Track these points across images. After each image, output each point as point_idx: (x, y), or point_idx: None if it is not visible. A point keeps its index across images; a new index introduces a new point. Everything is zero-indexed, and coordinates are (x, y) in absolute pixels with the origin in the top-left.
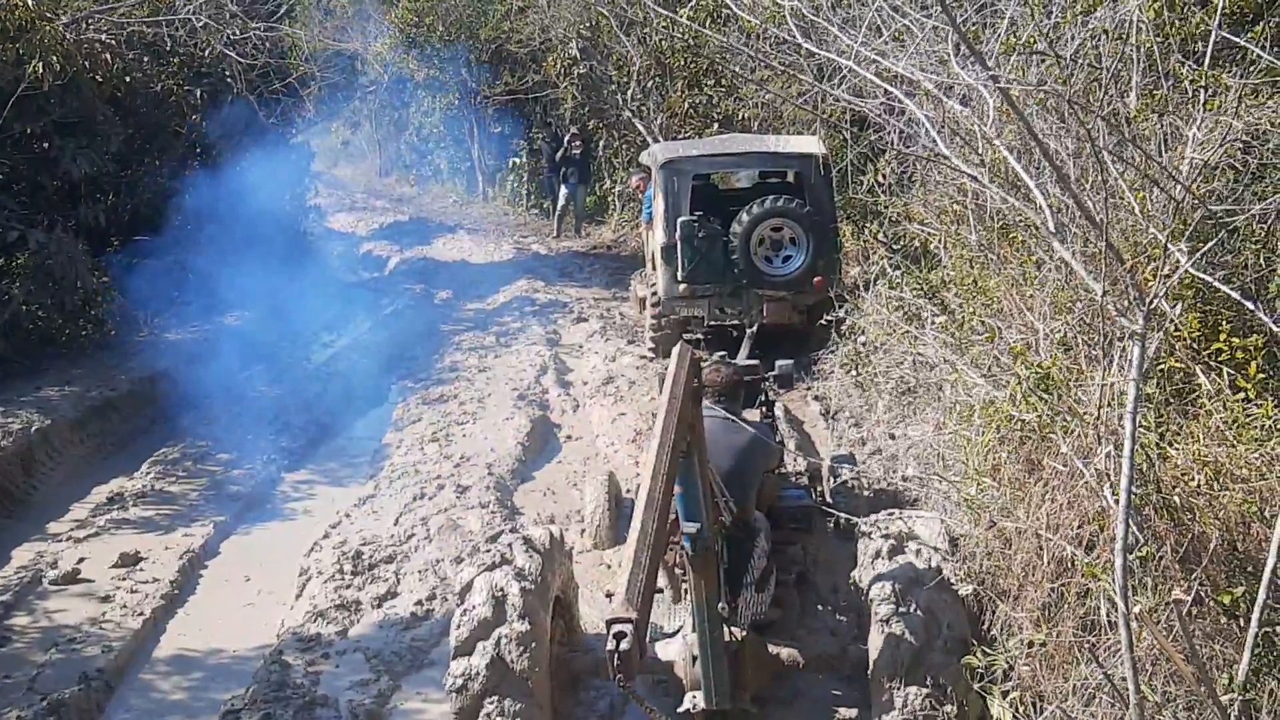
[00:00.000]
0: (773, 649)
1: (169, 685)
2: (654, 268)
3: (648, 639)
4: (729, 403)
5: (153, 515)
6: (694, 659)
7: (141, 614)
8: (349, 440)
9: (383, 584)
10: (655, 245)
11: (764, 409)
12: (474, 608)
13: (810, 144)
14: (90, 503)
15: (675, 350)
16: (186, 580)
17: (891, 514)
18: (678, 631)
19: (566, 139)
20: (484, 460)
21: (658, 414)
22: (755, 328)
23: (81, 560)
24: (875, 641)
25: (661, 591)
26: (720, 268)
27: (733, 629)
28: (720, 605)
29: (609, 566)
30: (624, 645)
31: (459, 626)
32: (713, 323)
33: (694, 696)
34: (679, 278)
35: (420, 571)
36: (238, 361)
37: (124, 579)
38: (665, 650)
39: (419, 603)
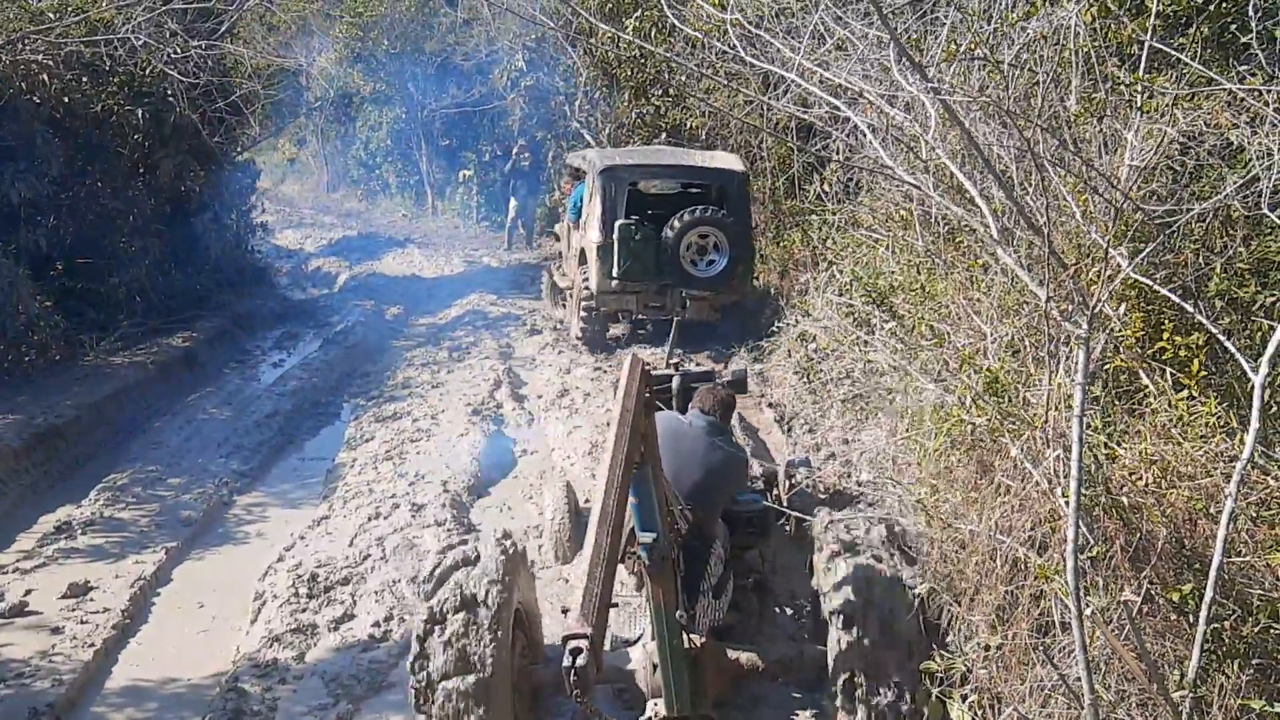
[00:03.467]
0: (732, 654)
1: (122, 717)
2: (582, 262)
3: (608, 649)
4: (720, 420)
5: (102, 543)
6: (654, 667)
7: (92, 645)
8: (301, 461)
9: (339, 606)
10: (589, 243)
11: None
12: (438, 611)
13: (733, 161)
14: (37, 532)
15: (626, 362)
16: (138, 609)
17: (846, 517)
18: (637, 640)
19: (514, 151)
20: (439, 477)
21: (610, 427)
22: (680, 319)
23: (29, 592)
24: (833, 646)
25: (617, 605)
26: (651, 267)
27: (691, 636)
28: (678, 613)
29: (566, 580)
30: (580, 661)
31: (422, 630)
32: (640, 316)
33: (655, 704)
34: (613, 274)
35: (377, 593)
36: (186, 384)
37: (73, 610)
38: (625, 659)
39: (376, 624)
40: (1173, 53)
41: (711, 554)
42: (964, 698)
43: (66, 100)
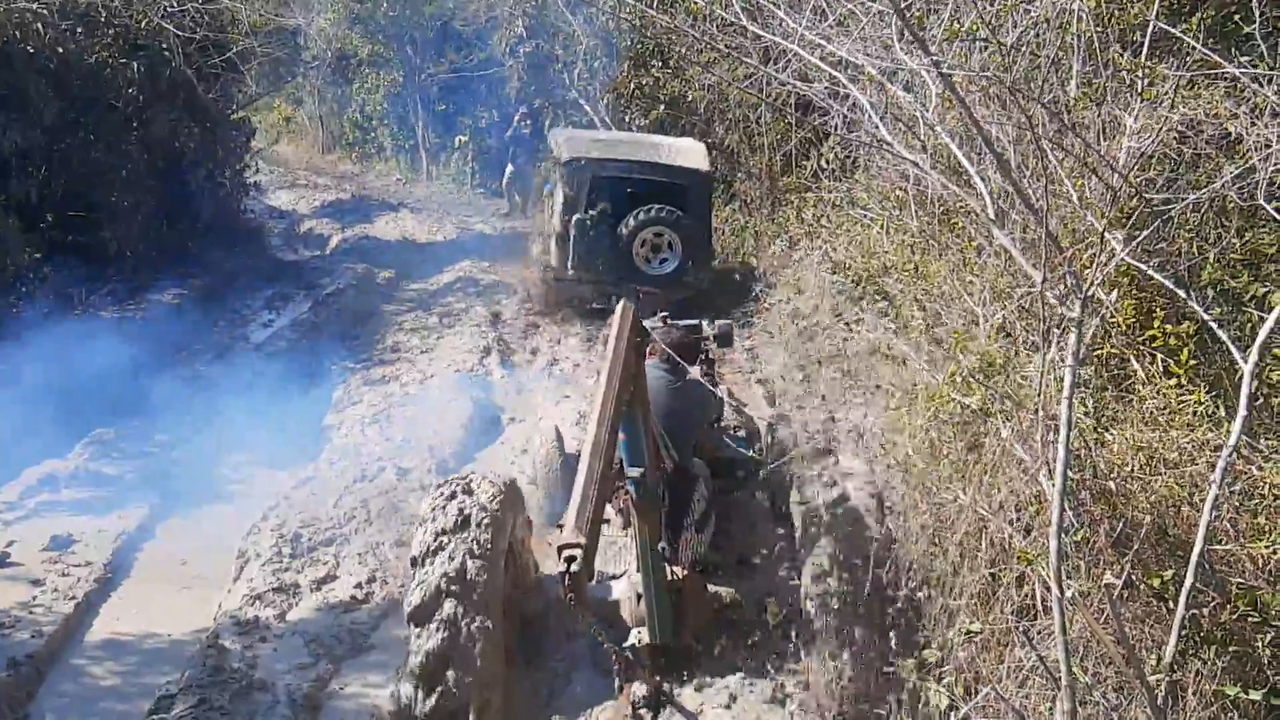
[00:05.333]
0: (712, 589)
1: (102, 670)
2: (550, 242)
3: (593, 584)
4: (678, 363)
5: (86, 497)
6: (638, 597)
7: (73, 598)
8: (288, 421)
9: (322, 566)
10: (551, 229)
11: (705, 366)
12: (436, 522)
13: (699, 159)
14: (21, 484)
15: (619, 307)
16: (120, 563)
17: (824, 467)
18: (622, 575)
19: (516, 118)
20: (426, 442)
21: (602, 366)
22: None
23: (11, 543)
24: (808, 598)
25: (609, 522)
26: (606, 261)
27: (674, 568)
28: (662, 545)
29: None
30: (574, 567)
31: (422, 544)
32: (593, 305)
33: (639, 632)
34: (569, 265)
35: (360, 554)
36: (175, 341)
37: (55, 562)
38: (610, 591)
39: (359, 585)
40: (1177, 34)
41: (695, 491)
42: (940, 678)
43: (60, 51)
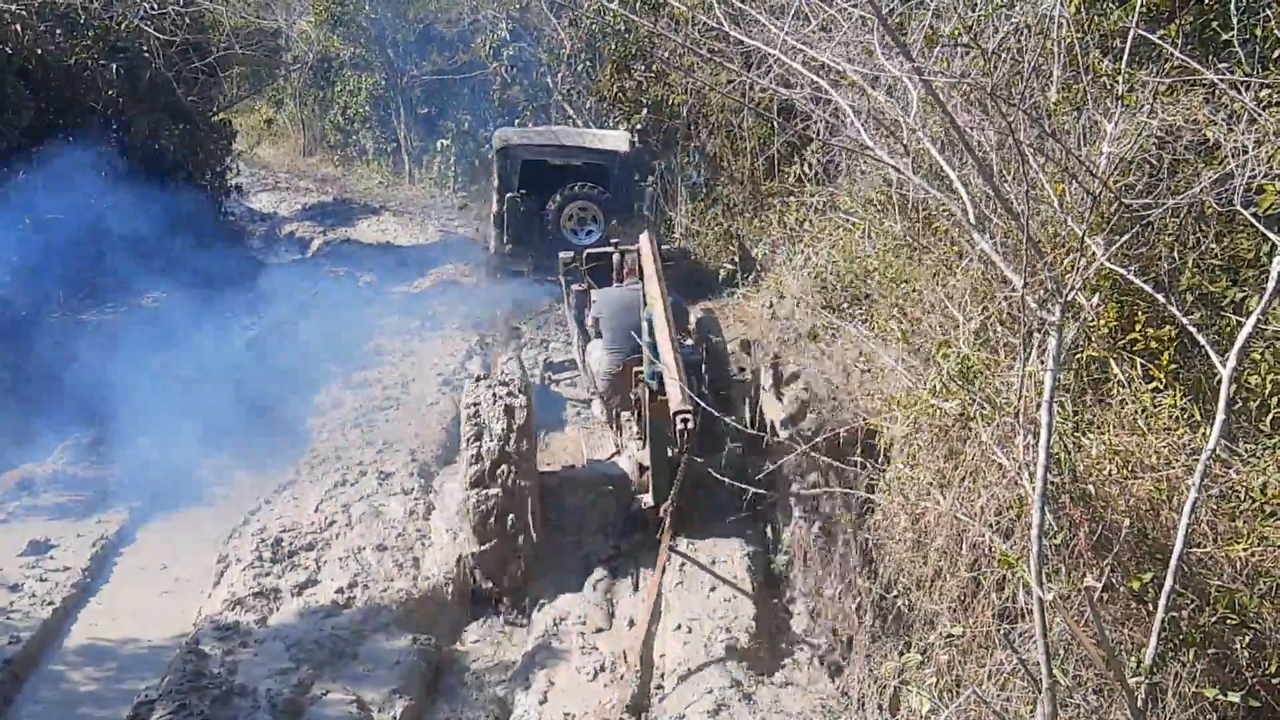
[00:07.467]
0: (699, 465)
1: (80, 676)
2: (489, 223)
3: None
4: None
5: (65, 501)
6: (640, 470)
7: (51, 603)
8: (269, 425)
9: (303, 571)
10: (489, 212)
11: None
12: (485, 392)
13: (620, 142)
14: None
15: (642, 236)
16: (99, 568)
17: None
18: (610, 457)
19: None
20: (407, 446)
21: (648, 283)
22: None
23: None
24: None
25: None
26: (537, 235)
27: (671, 448)
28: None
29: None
30: (691, 426)
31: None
32: (529, 275)
33: (642, 498)
34: (504, 240)
35: (341, 559)
36: (154, 344)
37: (33, 567)
38: (616, 467)
39: (340, 590)
40: (1156, 40)
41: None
42: (921, 682)
43: (39, 52)
